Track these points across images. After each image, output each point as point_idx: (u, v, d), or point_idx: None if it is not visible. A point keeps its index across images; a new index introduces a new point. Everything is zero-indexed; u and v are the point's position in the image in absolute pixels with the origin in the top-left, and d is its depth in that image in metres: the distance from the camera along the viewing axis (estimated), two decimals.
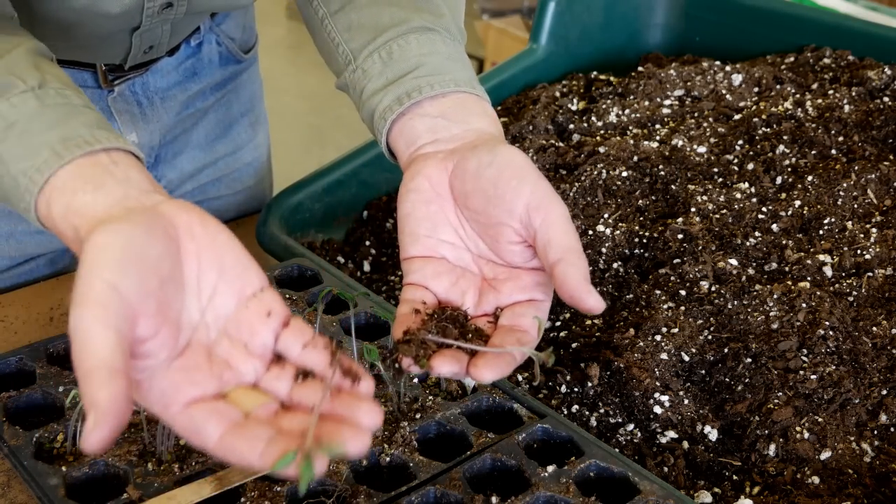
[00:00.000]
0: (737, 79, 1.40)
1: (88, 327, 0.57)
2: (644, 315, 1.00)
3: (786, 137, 1.22)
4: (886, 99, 1.28)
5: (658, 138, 1.28)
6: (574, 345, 1.00)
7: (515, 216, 0.74)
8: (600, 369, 0.93)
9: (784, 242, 1.06)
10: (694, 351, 0.95)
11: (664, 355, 0.94)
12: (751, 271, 1.04)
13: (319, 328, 0.92)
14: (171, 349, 0.62)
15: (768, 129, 1.25)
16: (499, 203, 0.74)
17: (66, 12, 0.91)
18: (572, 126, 1.37)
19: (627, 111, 1.37)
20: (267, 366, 0.65)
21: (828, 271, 1.01)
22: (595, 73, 1.55)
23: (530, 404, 0.87)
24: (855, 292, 0.98)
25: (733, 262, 1.04)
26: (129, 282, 0.59)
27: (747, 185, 1.16)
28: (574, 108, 1.44)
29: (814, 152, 1.21)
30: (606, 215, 1.14)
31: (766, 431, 0.87)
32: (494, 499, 0.75)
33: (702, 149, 1.24)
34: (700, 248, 1.06)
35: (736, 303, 0.98)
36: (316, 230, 1.24)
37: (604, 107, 1.38)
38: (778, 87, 1.38)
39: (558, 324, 1.06)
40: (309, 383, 0.64)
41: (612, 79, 1.52)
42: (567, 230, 0.72)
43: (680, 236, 1.08)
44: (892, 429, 0.87)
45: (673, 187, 1.18)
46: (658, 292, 1.02)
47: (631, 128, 1.34)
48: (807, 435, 0.85)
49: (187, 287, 0.64)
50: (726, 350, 0.94)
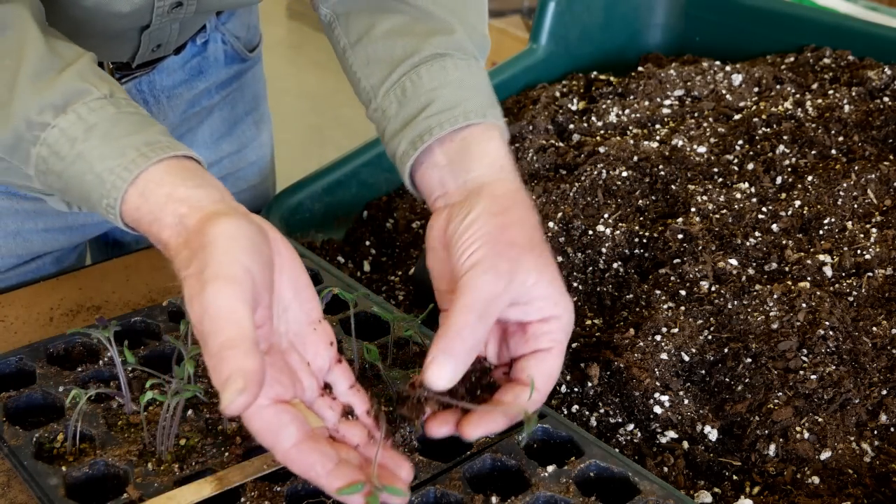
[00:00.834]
0: (737, 79, 1.40)
1: (229, 302, 0.63)
2: (644, 315, 1.00)
3: (786, 137, 1.22)
4: (886, 99, 1.28)
5: (658, 138, 1.28)
6: (574, 345, 1.00)
7: None
8: (600, 369, 0.93)
9: (784, 242, 1.06)
10: (694, 351, 0.95)
11: (664, 355, 0.94)
12: (751, 271, 1.04)
13: None
14: (266, 343, 0.68)
15: (768, 129, 1.25)
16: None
17: (77, 10, 0.91)
18: (572, 126, 1.37)
19: (627, 111, 1.37)
20: (320, 391, 0.72)
21: (828, 271, 1.01)
22: (595, 73, 1.55)
23: None
24: (855, 292, 0.98)
25: (733, 262, 1.04)
26: (256, 269, 0.65)
27: (747, 185, 1.16)
28: (574, 108, 1.44)
29: (814, 152, 1.21)
30: (606, 215, 1.14)
31: (766, 431, 0.87)
32: (494, 499, 0.75)
33: (702, 149, 1.24)
34: (700, 248, 1.06)
35: (736, 303, 0.98)
36: (316, 230, 1.24)
37: (604, 107, 1.38)
38: (778, 87, 1.38)
39: None
40: (353, 423, 0.72)
41: (612, 79, 1.52)
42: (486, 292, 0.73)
43: (680, 236, 1.08)
44: (892, 429, 0.87)
45: (673, 187, 1.18)
46: (658, 292, 1.02)
47: (631, 128, 1.34)
48: (807, 435, 0.85)
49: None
50: (726, 350, 0.94)
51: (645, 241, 1.11)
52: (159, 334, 0.95)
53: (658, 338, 0.95)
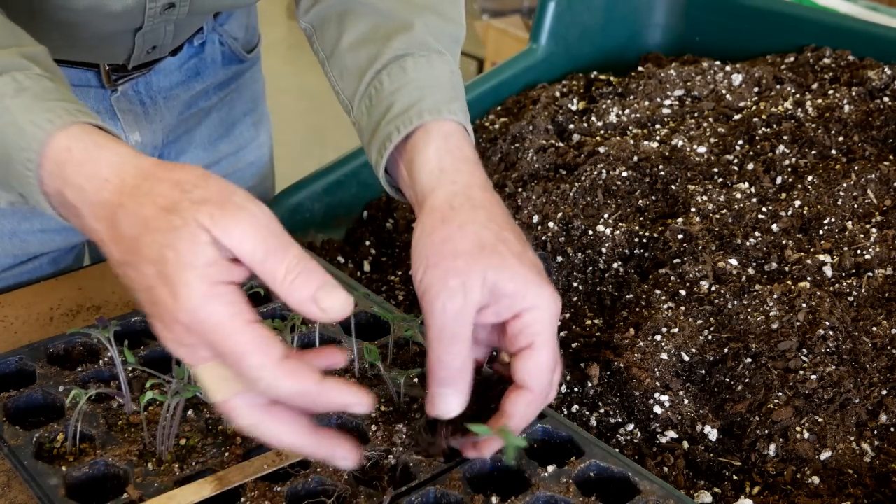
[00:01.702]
0: (737, 79, 1.40)
1: (273, 221, 0.67)
2: (644, 315, 1.00)
3: (786, 137, 1.22)
4: (886, 99, 1.28)
5: (658, 138, 1.28)
6: (574, 345, 1.00)
7: None
8: (600, 369, 0.93)
9: (784, 242, 1.06)
10: (694, 351, 0.95)
11: (664, 355, 0.94)
12: (751, 271, 1.04)
13: (319, 328, 0.92)
14: None
15: (768, 129, 1.25)
16: None
17: (68, 12, 0.91)
18: (572, 126, 1.37)
19: (627, 111, 1.37)
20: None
21: (828, 271, 1.01)
22: (595, 73, 1.55)
23: None
24: (855, 292, 0.98)
25: (733, 262, 1.04)
26: None
27: (747, 185, 1.16)
28: (574, 108, 1.44)
29: (814, 152, 1.21)
30: (606, 215, 1.14)
31: (766, 431, 0.87)
32: (494, 499, 0.75)
33: (702, 149, 1.24)
34: (700, 248, 1.06)
35: (736, 303, 0.98)
36: (316, 230, 1.24)
37: (604, 107, 1.38)
38: (778, 87, 1.38)
39: (559, 324, 1.05)
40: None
41: (612, 79, 1.52)
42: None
43: (680, 236, 1.08)
44: (892, 429, 0.87)
45: (673, 187, 1.18)
46: (658, 292, 1.02)
47: (631, 128, 1.34)
48: (807, 435, 0.85)
49: None
50: (726, 350, 0.94)
51: (645, 241, 1.11)
52: None
53: (658, 338, 0.95)
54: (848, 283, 0.99)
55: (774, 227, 1.08)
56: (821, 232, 1.07)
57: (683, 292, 1.01)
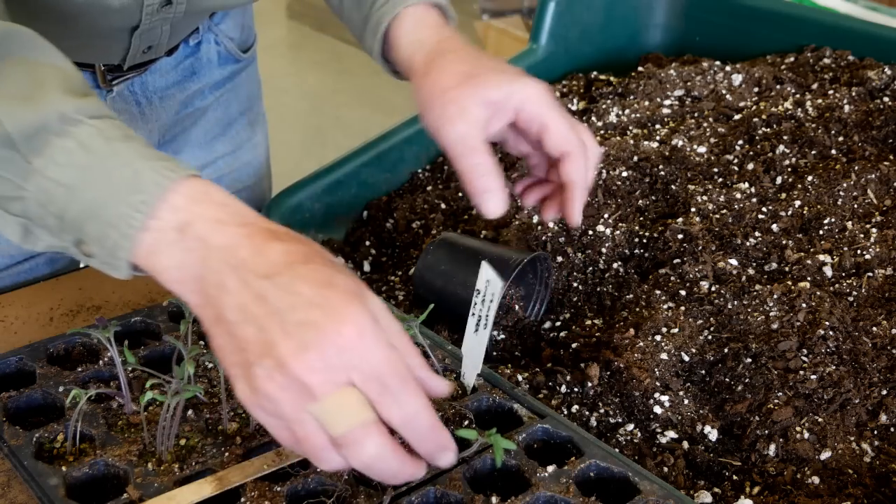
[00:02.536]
0: (737, 79, 1.40)
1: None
2: (644, 315, 1.00)
3: (786, 137, 1.22)
4: (886, 99, 1.28)
5: (658, 138, 1.28)
6: (574, 345, 1.00)
7: None
8: (600, 369, 0.93)
9: (784, 242, 1.06)
10: (694, 351, 0.95)
11: (664, 355, 0.94)
12: (751, 271, 1.04)
13: None
14: None
15: (768, 129, 1.25)
16: None
17: (67, 6, 0.91)
18: None
19: (627, 111, 1.37)
20: None
21: (828, 271, 1.01)
22: (595, 73, 1.55)
23: (530, 404, 0.86)
24: (855, 292, 0.98)
25: (733, 262, 1.04)
26: None
27: (747, 185, 1.16)
28: (574, 108, 1.44)
29: (814, 152, 1.20)
30: (606, 215, 1.14)
31: (766, 431, 0.87)
32: (494, 499, 0.75)
33: (702, 149, 1.24)
34: (700, 248, 1.06)
35: (736, 303, 0.98)
36: (316, 230, 1.24)
37: (604, 107, 1.38)
38: (778, 87, 1.38)
39: (558, 324, 1.06)
40: None
41: (612, 79, 1.52)
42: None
43: (680, 236, 1.08)
44: (892, 429, 0.87)
45: (673, 187, 1.18)
46: (658, 292, 1.02)
47: (631, 128, 1.34)
48: (807, 435, 0.85)
49: None
50: (726, 350, 0.94)
51: (645, 241, 1.11)
52: (159, 334, 0.95)
53: (658, 338, 0.95)
54: (848, 283, 0.99)
55: (774, 227, 1.08)
56: (821, 232, 1.07)
57: (683, 292, 1.01)
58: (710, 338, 0.96)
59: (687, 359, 0.95)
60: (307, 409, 0.63)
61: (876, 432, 0.87)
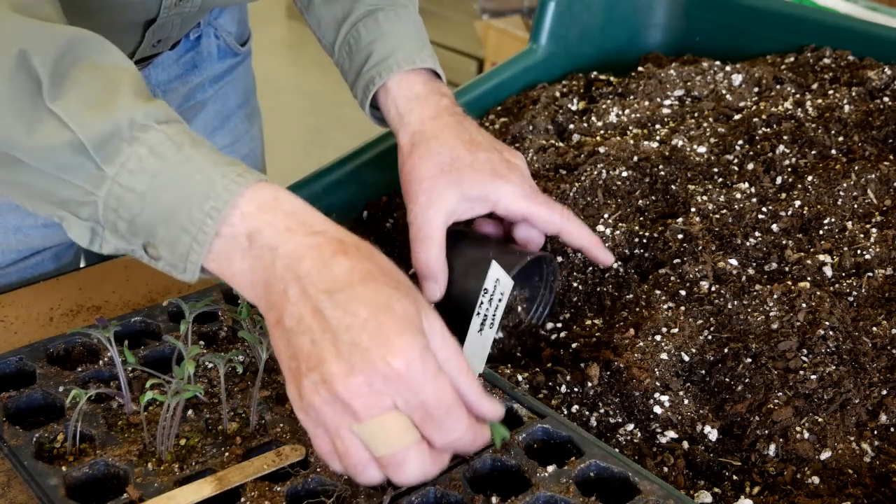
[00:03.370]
0: (737, 79, 1.40)
1: None
2: (644, 315, 1.00)
3: (786, 137, 1.22)
4: (886, 99, 1.27)
5: (658, 138, 1.28)
6: (574, 345, 1.00)
7: None
8: (600, 369, 0.93)
9: (784, 242, 1.06)
10: (694, 351, 0.95)
11: (664, 355, 0.94)
12: (751, 271, 1.04)
13: None
14: None
15: (768, 129, 1.25)
16: None
17: (89, 1, 0.92)
18: (572, 126, 1.37)
19: (627, 111, 1.37)
20: None
21: (828, 271, 1.01)
22: (595, 73, 1.55)
23: (530, 404, 0.86)
24: (855, 292, 0.98)
25: (733, 262, 1.04)
26: None
27: (747, 185, 1.16)
28: (574, 108, 1.44)
29: (814, 152, 1.20)
30: (606, 215, 1.14)
31: (766, 431, 0.87)
32: (494, 499, 0.75)
33: (702, 149, 1.24)
34: (700, 248, 1.06)
35: (736, 303, 0.98)
36: None
37: (604, 107, 1.38)
38: (778, 87, 1.38)
39: (559, 324, 1.06)
40: None
41: (612, 79, 1.52)
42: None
43: (680, 236, 1.08)
44: (892, 429, 0.87)
45: (673, 187, 1.18)
46: (658, 292, 1.02)
47: (631, 128, 1.34)
48: (807, 435, 0.85)
49: None
50: (726, 350, 0.94)
51: (645, 241, 1.11)
52: (159, 334, 0.95)
53: (658, 338, 0.95)
54: (848, 283, 0.99)
55: (774, 227, 1.08)
56: (821, 232, 1.07)
57: (683, 292, 1.01)
58: (710, 338, 0.96)
59: (687, 359, 0.95)
60: (351, 428, 0.65)
61: (876, 432, 0.87)
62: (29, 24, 0.71)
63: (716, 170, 1.21)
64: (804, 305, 0.95)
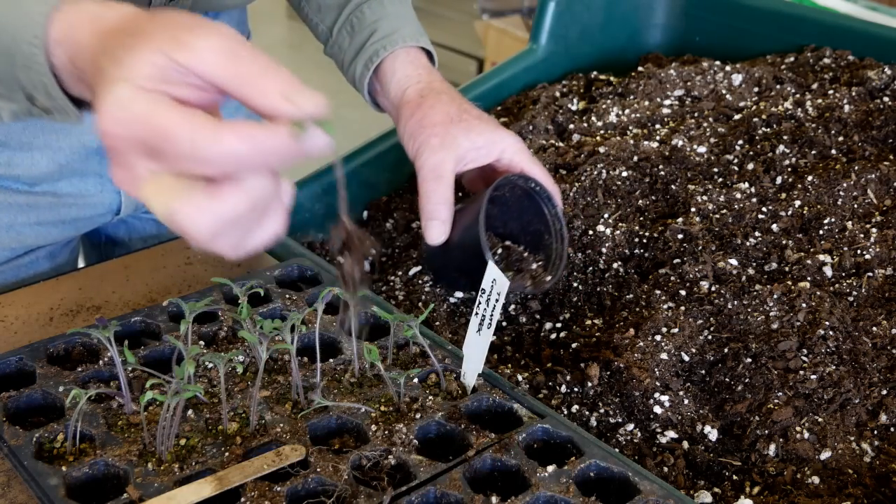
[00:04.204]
0: (737, 79, 1.40)
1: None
2: (644, 315, 1.00)
3: (786, 137, 1.22)
4: (886, 99, 1.27)
5: (658, 138, 1.28)
6: (574, 345, 1.00)
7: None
8: (600, 369, 0.93)
9: (784, 242, 1.06)
10: (694, 351, 0.95)
11: (664, 355, 0.94)
12: (751, 271, 1.04)
13: (320, 328, 0.92)
14: None
15: (768, 129, 1.25)
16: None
17: None
18: (572, 126, 1.37)
19: (627, 111, 1.37)
20: None
21: (828, 271, 1.01)
22: (595, 73, 1.55)
23: (530, 404, 0.86)
24: (855, 292, 0.98)
25: (733, 262, 1.04)
26: None
27: (747, 185, 1.16)
28: (574, 108, 1.44)
29: (814, 152, 1.20)
30: (606, 215, 1.14)
31: (766, 431, 0.87)
32: (494, 499, 0.75)
33: (702, 149, 1.24)
34: (700, 248, 1.06)
35: (736, 303, 0.98)
36: (316, 230, 1.24)
37: (604, 107, 1.38)
38: (778, 87, 1.38)
39: (559, 324, 1.06)
40: None
41: (612, 79, 1.52)
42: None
43: (680, 236, 1.08)
44: (892, 429, 0.87)
45: (673, 187, 1.18)
46: (658, 292, 1.02)
47: (631, 128, 1.34)
48: (807, 435, 0.85)
49: None
50: (726, 350, 0.94)
51: (645, 241, 1.11)
52: (159, 334, 0.95)
53: (658, 338, 0.95)
54: (848, 283, 0.99)
55: (774, 227, 1.08)
56: (821, 232, 1.07)
57: (683, 292, 1.01)
58: (710, 338, 0.96)
59: (687, 359, 0.95)
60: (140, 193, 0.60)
61: (876, 432, 0.87)
62: None
63: (716, 170, 1.21)
64: (804, 305, 0.95)
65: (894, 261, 1.01)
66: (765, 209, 1.11)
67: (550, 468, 0.78)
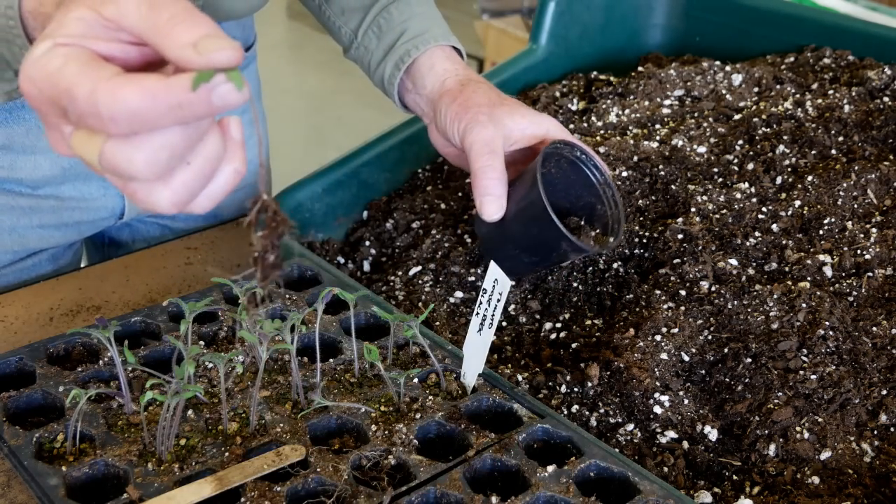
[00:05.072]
0: (737, 79, 1.40)
1: None
2: (644, 315, 1.00)
3: (786, 137, 1.22)
4: (886, 99, 1.27)
5: (658, 138, 1.28)
6: (574, 345, 1.00)
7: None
8: (600, 369, 0.93)
9: (784, 242, 1.06)
10: (694, 351, 0.95)
11: (664, 355, 0.94)
12: (751, 271, 1.04)
13: (320, 328, 0.92)
14: None
15: (768, 129, 1.25)
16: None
17: None
18: (572, 126, 1.37)
19: (627, 111, 1.37)
20: None
21: (828, 271, 1.01)
22: (595, 73, 1.55)
23: (530, 404, 0.87)
24: (855, 292, 0.98)
25: (733, 262, 1.04)
26: None
27: (747, 185, 1.16)
28: (574, 108, 1.44)
29: (814, 152, 1.20)
30: None
31: (766, 431, 0.87)
32: (494, 499, 0.75)
33: (702, 149, 1.24)
34: (700, 248, 1.06)
35: (736, 303, 0.98)
36: (316, 230, 1.24)
37: (604, 107, 1.38)
38: (778, 87, 1.38)
39: (559, 324, 1.06)
40: None
41: (612, 79, 1.52)
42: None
43: (680, 236, 1.08)
44: (892, 429, 0.87)
45: (673, 187, 1.18)
46: (658, 292, 1.02)
47: (631, 128, 1.34)
48: (807, 435, 0.85)
49: None
50: (726, 350, 0.94)
51: (645, 241, 1.11)
52: (159, 334, 0.95)
53: (658, 338, 0.95)
54: (848, 283, 0.99)
55: (774, 227, 1.08)
56: (821, 232, 1.07)
57: (683, 292, 1.01)
58: (710, 338, 0.96)
59: (687, 359, 0.95)
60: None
61: (876, 432, 0.87)
62: None
63: (716, 170, 1.21)
64: (804, 305, 0.95)
65: (894, 261, 1.01)
66: (765, 209, 1.11)
67: (550, 468, 0.78)
